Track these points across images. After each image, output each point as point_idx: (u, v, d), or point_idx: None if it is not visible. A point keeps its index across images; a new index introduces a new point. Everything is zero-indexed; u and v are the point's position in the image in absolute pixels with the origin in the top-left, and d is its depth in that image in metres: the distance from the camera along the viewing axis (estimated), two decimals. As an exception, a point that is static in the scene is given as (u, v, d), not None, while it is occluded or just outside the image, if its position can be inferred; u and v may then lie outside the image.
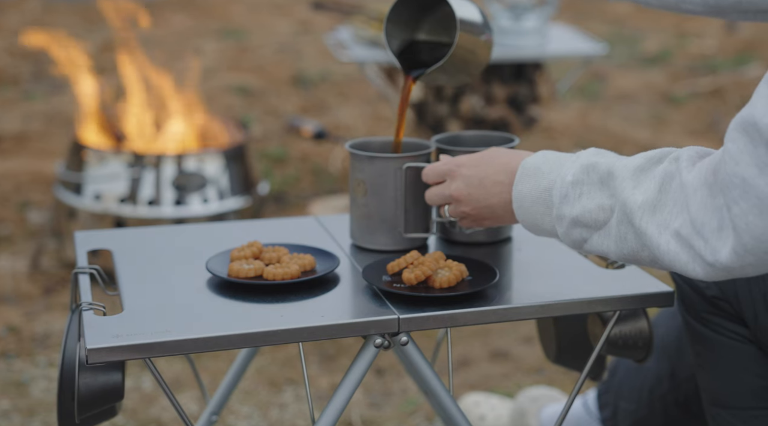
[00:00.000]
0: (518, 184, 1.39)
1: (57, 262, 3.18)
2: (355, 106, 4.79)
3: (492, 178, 1.44)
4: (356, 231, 1.61)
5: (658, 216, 1.24)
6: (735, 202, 1.16)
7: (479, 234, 1.63)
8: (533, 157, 1.40)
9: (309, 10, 4.25)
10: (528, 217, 1.39)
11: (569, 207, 1.33)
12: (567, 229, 1.34)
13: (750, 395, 1.58)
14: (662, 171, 1.25)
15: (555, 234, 1.37)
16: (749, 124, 1.15)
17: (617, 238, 1.29)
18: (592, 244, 1.33)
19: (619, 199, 1.28)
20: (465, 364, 2.67)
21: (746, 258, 1.17)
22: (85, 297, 1.40)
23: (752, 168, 1.14)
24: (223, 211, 3.18)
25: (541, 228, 1.38)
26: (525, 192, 1.38)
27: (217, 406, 1.84)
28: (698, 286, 1.59)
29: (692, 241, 1.20)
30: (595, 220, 1.31)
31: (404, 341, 1.37)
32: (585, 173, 1.33)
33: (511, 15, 3.65)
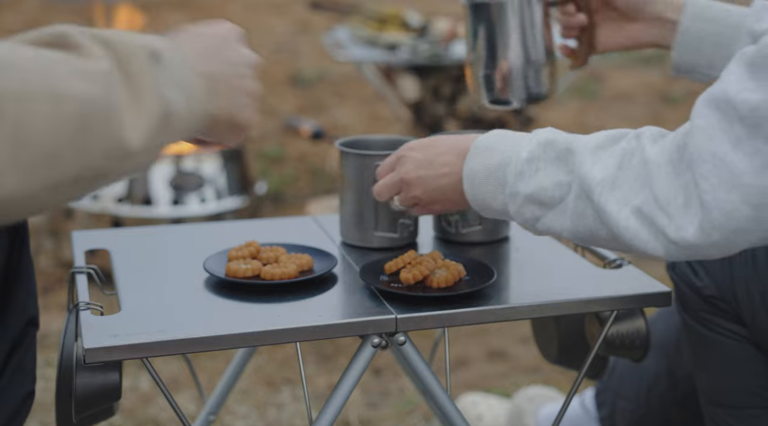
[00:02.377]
0: (469, 161, 1.36)
1: (54, 262, 3.18)
2: (352, 106, 4.79)
3: (442, 158, 1.40)
4: (340, 225, 1.64)
5: (618, 192, 1.21)
6: (704, 178, 1.14)
7: (476, 234, 1.63)
8: (486, 136, 1.37)
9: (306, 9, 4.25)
10: (478, 196, 1.35)
11: (524, 184, 1.30)
12: (520, 207, 1.31)
13: (748, 394, 1.58)
14: (622, 148, 1.23)
15: (506, 213, 1.33)
16: (722, 100, 1.14)
17: (574, 215, 1.26)
18: (545, 222, 1.30)
19: (577, 175, 1.25)
20: (462, 363, 2.67)
21: (712, 235, 1.15)
22: (83, 297, 1.40)
23: (725, 144, 1.13)
24: (221, 211, 3.18)
25: (492, 207, 1.35)
26: (476, 169, 1.35)
27: (215, 405, 1.84)
28: (696, 285, 1.59)
29: (655, 218, 1.18)
30: (551, 197, 1.28)
31: (402, 341, 1.37)
32: (542, 150, 1.29)
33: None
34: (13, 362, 1.19)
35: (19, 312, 1.19)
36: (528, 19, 1.64)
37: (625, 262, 1.52)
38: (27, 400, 1.21)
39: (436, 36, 3.59)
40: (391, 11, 3.73)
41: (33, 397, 1.23)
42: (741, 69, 1.15)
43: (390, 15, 3.70)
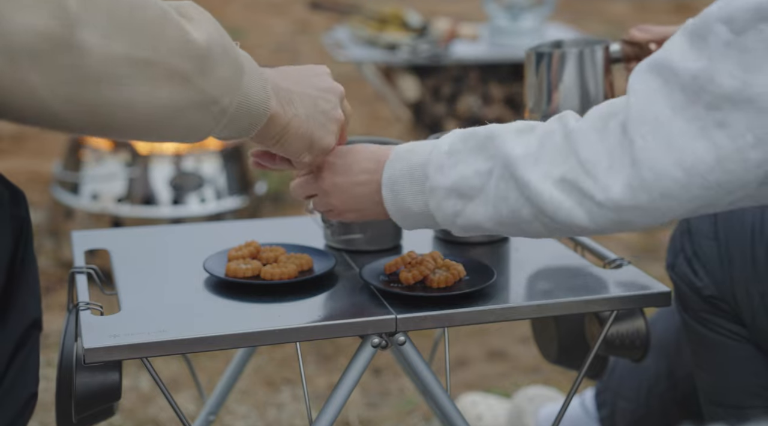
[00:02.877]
0: (388, 168, 1.32)
1: (54, 262, 3.18)
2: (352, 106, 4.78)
3: (359, 165, 1.36)
4: None
5: (541, 166, 1.21)
6: (642, 137, 1.14)
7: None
8: (406, 143, 1.35)
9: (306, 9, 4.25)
10: (397, 203, 1.32)
11: (444, 177, 1.27)
12: (440, 201, 1.28)
13: (748, 394, 1.58)
14: (543, 128, 1.23)
15: (426, 212, 1.30)
16: (664, 67, 1.15)
17: (496, 199, 1.24)
18: (466, 215, 1.27)
19: (499, 156, 1.24)
20: (462, 363, 2.67)
21: (639, 196, 1.15)
22: (83, 297, 1.40)
23: (666, 109, 1.14)
24: (221, 211, 3.18)
25: (412, 211, 1.31)
26: (396, 173, 1.31)
27: (215, 405, 1.84)
28: (696, 285, 1.59)
29: (580, 183, 1.17)
30: (471, 186, 1.26)
31: (401, 341, 1.37)
32: (462, 142, 1.28)
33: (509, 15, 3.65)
34: (16, 364, 1.19)
35: (22, 314, 1.19)
36: (590, 70, 1.65)
37: (625, 262, 1.52)
38: (30, 401, 1.22)
39: (436, 36, 3.59)
40: (391, 11, 3.73)
41: (36, 399, 1.23)
42: (683, 39, 1.16)
43: (390, 15, 3.70)
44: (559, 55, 1.65)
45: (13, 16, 1.00)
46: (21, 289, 1.19)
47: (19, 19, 1.00)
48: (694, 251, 1.59)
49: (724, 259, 1.56)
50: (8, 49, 1.00)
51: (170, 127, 1.13)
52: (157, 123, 1.11)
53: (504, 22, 3.64)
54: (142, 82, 1.08)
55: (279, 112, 1.26)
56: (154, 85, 1.08)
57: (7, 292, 1.17)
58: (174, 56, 1.09)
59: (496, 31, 3.66)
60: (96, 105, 1.06)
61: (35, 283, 1.22)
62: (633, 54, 1.69)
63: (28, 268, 1.20)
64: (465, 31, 3.72)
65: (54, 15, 1.01)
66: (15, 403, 1.19)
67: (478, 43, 3.71)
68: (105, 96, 1.06)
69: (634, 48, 1.69)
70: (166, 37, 1.09)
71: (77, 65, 1.03)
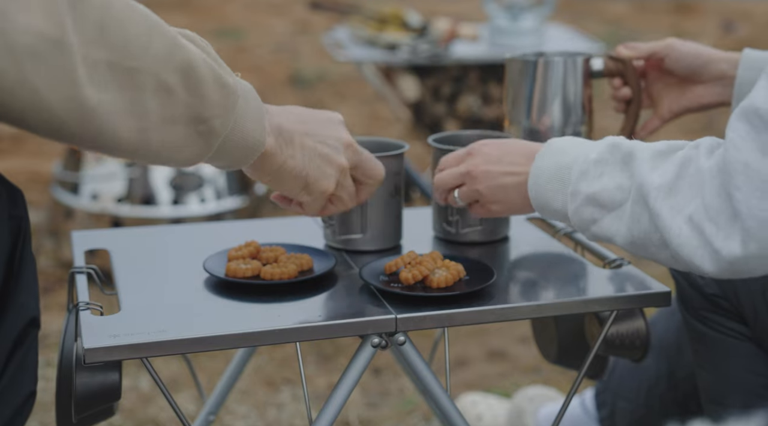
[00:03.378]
0: (539, 159, 1.37)
1: (54, 262, 3.18)
2: (352, 106, 4.79)
3: (511, 157, 1.42)
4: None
5: (673, 199, 1.22)
6: (737, 188, 1.16)
7: (476, 234, 1.63)
8: (561, 139, 1.39)
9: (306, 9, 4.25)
10: (540, 194, 1.36)
11: (587, 184, 1.31)
12: (579, 206, 1.31)
13: (749, 393, 1.58)
14: (682, 156, 1.24)
15: (564, 213, 1.34)
16: (751, 111, 1.16)
17: (630, 219, 1.27)
18: (601, 225, 1.30)
19: (636, 179, 1.26)
20: (462, 363, 2.67)
21: (750, 246, 1.16)
22: (83, 297, 1.40)
23: (755, 153, 1.15)
24: (221, 211, 3.18)
25: (551, 207, 1.36)
26: (544, 167, 1.36)
27: (215, 405, 1.84)
28: (698, 283, 1.59)
29: (704, 227, 1.19)
30: (612, 200, 1.29)
31: (401, 341, 1.37)
32: (609, 152, 1.30)
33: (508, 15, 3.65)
34: (14, 363, 1.19)
35: (20, 312, 1.19)
36: (571, 80, 1.67)
37: (625, 262, 1.52)
38: (28, 400, 1.22)
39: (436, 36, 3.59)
40: (391, 11, 3.73)
41: (34, 398, 1.23)
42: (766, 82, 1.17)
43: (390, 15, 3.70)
44: (542, 63, 1.66)
45: (16, 16, 1.01)
46: (19, 287, 1.19)
47: (22, 19, 1.01)
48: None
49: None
50: (11, 49, 1.01)
51: (160, 142, 1.15)
52: (145, 134, 1.13)
53: (504, 22, 3.64)
54: (128, 90, 1.10)
55: (275, 151, 1.30)
56: (141, 94, 1.11)
57: (5, 291, 1.18)
58: (160, 67, 1.12)
59: (496, 31, 3.66)
60: (87, 108, 1.07)
61: (33, 282, 1.22)
62: (616, 70, 1.71)
63: (27, 267, 1.20)
64: (465, 31, 3.72)
65: (50, 16, 1.03)
66: (13, 401, 1.19)
67: (478, 43, 3.71)
68: (93, 100, 1.07)
69: (618, 64, 1.71)
70: (153, 48, 1.12)
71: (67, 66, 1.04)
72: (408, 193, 3.18)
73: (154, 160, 1.18)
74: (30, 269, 1.21)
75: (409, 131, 3.92)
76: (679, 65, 1.70)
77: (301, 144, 1.33)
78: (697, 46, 1.70)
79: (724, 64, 1.67)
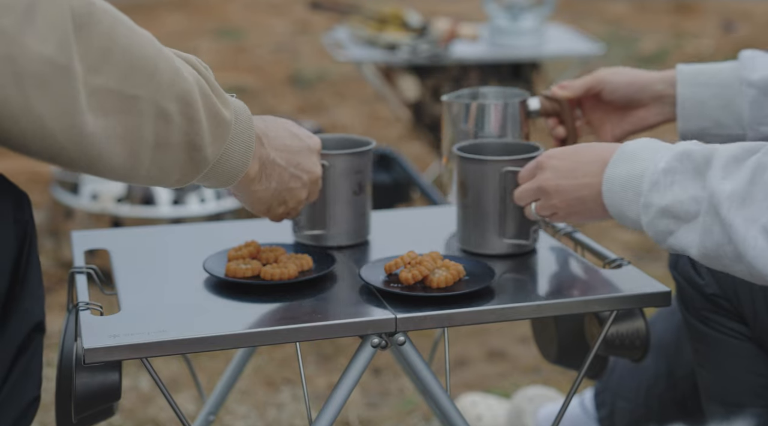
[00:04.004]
0: (612, 166, 1.34)
1: (54, 262, 3.18)
2: (352, 106, 4.79)
3: (584, 168, 1.38)
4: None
5: (747, 209, 1.19)
6: None
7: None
8: (634, 142, 1.35)
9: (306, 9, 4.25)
10: (615, 203, 1.33)
11: (659, 195, 1.27)
12: (653, 219, 1.28)
13: (749, 393, 1.58)
14: (755, 161, 1.21)
15: (639, 224, 1.31)
16: None
17: (703, 230, 1.23)
18: (677, 237, 1.27)
19: (708, 188, 1.23)
20: (462, 363, 2.67)
21: None
22: (82, 297, 1.40)
23: None
24: (221, 211, 3.18)
25: (627, 216, 1.33)
26: (616, 175, 1.33)
27: (214, 406, 1.84)
28: (698, 283, 1.59)
29: None
30: (687, 211, 1.25)
31: (401, 341, 1.37)
32: (679, 161, 1.27)
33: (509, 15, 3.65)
34: (18, 368, 1.19)
35: (25, 317, 1.19)
36: (509, 122, 1.66)
37: (625, 262, 1.52)
38: (32, 405, 1.22)
39: (436, 36, 3.59)
40: (391, 11, 3.73)
41: (38, 402, 1.23)
42: None
43: (390, 15, 3.70)
44: (476, 106, 1.65)
45: (27, 42, 1.02)
46: (25, 292, 1.19)
47: (33, 46, 1.02)
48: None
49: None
50: (19, 76, 1.02)
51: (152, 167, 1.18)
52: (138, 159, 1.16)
53: (504, 22, 3.64)
54: (127, 116, 1.12)
55: (255, 178, 1.36)
56: (140, 120, 1.13)
57: (11, 296, 1.18)
58: (162, 95, 1.14)
59: (496, 31, 3.66)
60: (86, 134, 1.08)
61: (39, 287, 1.22)
62: (552, 109, 1.71)
63: (32, 272, 1.21)
64: (465, 31, 3.72)
65: (60, 43, 1.04)
66: (17, 406, 1.19)
67: (478, 43, 3.71)
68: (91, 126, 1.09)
69: (554, 104, 1.71)
70: (158, 76, 1.14)
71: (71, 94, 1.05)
72: (408, 193, 3.18)
73: (143, 182, 1.21)
74: (35, 274, 1.21)
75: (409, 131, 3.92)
76: (616, 96, 1.69)
77: (279, 176, 1.39)
78: (629, 74, 1.69)
79: (660, 85, 1.67)
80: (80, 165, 1.13)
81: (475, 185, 1.55)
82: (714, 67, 1.65)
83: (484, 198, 1.54)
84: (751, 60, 1.60)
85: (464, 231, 1.58)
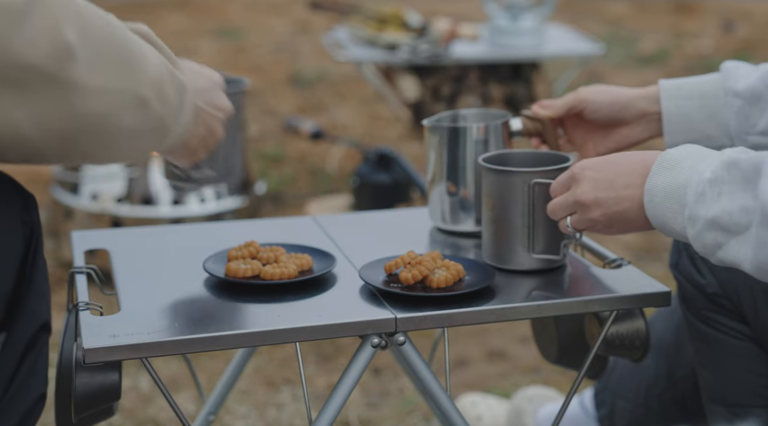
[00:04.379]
0: (653, 176, 1.28)
1: (54, 262, 3.18)
2: (352, 106, 4.79)
3: (624, 179, 1.32)
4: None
5: None
6: None
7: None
8: (676, 149, 1.29)
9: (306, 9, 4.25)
10: (658, 214, 1.28)
11: (705, 207, 1.21)
12: (700, 232, 1.23)
13: (749, 393, 1.58)
14: None
15: (685, 237, 1.26)
16: None
17: (757, 243, 1.17)
18: (727, 250, 1.21)
19: (760, 200, 1.17)
20: (462, 363, 2.67)
21: None
22: (82, 297, 1.40)
23: None
24: (221, 211, 3.18)
25: (671, 228, 1.27)
26: (659, 185, 1.27)
27: (214, 406, 1.84)
28: (700, 283, 1.59)
29: None
30: (737, 223, 1.19)
31: (401, 341, 1.37)
32: (726, 170, 1.21)
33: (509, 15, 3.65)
34: (25, 366, 1.20)
35: (32, 317, 1.20)
36: (491, 144, 1.65)
37: (625, 262, 1.52)
38: (38, 403, 1.22)
39: (436, 36, 3.59)
40: (391, 11, 3.73)
41: (44, 400, 1.23)
42: None
43: (390, 15, 3.70)
44: (457, 130, 1.64)
45: (11, 46, 1.02)
46: (31, 292, 1.20)
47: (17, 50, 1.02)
48: (697, 250, 1.60)
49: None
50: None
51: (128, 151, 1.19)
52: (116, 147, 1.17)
53: (504, 22, 3.64)
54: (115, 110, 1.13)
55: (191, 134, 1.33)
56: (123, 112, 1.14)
57: (18, 296, 1.18)
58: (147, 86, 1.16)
59: (496, 31, 3.66)
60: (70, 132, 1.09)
61: (45, 287, 1.23)
62: (534, 129, 1.70)
63: (38, 272, 1.21)
64: (465, 31, 3.72)
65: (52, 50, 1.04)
66: (24, 404, 1.20)
67: (478, 43, 3.71)
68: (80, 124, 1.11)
69: (536, 124, 1.69)
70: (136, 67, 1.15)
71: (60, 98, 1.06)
72: (408, 193, 3.18)
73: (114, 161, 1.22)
74: (42, 274, 1.22)
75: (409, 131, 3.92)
76: (598, 115, 1.66)
77: (203, 120, 1.36)
78: (611, 92, 1.66)
79: (643, 103, 1.63)
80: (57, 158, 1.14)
81: (502, 198, 1.49)
82: (696, 79, 1.62)
83: (512, 211, 1.48)
84: (734, 70, 1.57)
85: (492, 246, 1.51)
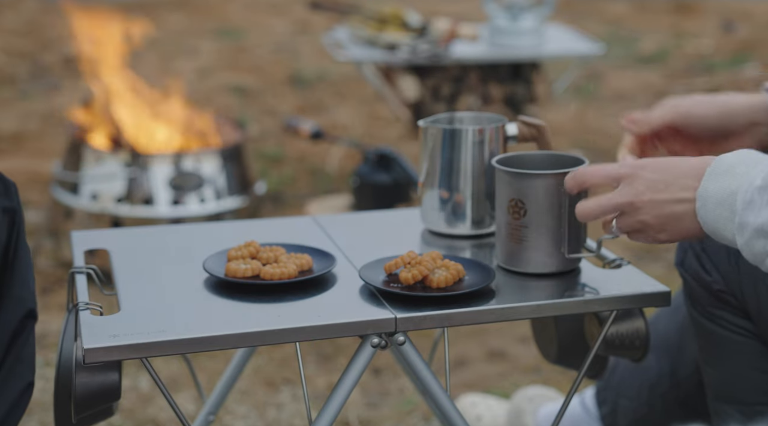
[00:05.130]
0: (706, 180, 1.25)
1: (54, 262, 3.18)
2: (352, 106, 4.79)
3: (681, 182, 1.28)
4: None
5: None
6: None
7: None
8: (730, 155, 1.26)
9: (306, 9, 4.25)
10: (709, 219, 1.25)
11: (754, 215, 1.19)
12: (749, 240, 1.20)
13: (754, 390, 1.59)
14: None
15: (735, 244, 1.23)
16: None
17: None
18: None
19: None
20: (462, 363, 2.67)
21: None
22: (82, 297, 1.40)
23: None
24: (220, 211, 3.18)
25: (722, 236, 1.24)
26: (711, 191, 1.24)
27: (214, 406, 1.84)
28: (705, 280, 1.59)
29: None
30: None
31: (401, 341, 1.37)
32: None
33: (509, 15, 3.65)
34: (12, 354, 1.20)
35: (17, 304, 1.20)
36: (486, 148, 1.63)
37: (625, 262, 1.52)
38: (26, 390, 1.22)
39: (436, 36, 3.59)
40: (391, 11, 3.73)
41: (32, 388, 1.23)
42: None
43: (390, 15, 3.70)
44: (453, 131, 1.63)
45: None
46: (15, 279, 1.20)
47: None
48: (702, 247, 1.60)
49: (732, 253, 1.56)
50: None
51: None
52: None
53: (504, 22, 3.64)
54: None
55: None
56: None
57: (1, 283, 1.18)
58: None
59: (496, 31, 3.66)
60: None
61: (29, 274, 1.22)
62: (530, 135, 1.67)
63: (21, 259, 1.21)
64: (465, 31, 3.72)
65: None
66: (12, 393, 1.20)
67: (478, 43, 3.71)
68: None
69: (532, 130, 1.67)
70: None
71: None
72: (408, 193, 3.18)
73: None
74: (25, 261, 1.21)
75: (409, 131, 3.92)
76: (703, 129, 1.56)
77: None
78: (714, 103, 1.56)
79: (751, 112, 1.55)
80: None
81: (534, 201, 1.45)
82: None
83: (544, 214, 1.45)
84: None
85: (517, 250, 1.47)
